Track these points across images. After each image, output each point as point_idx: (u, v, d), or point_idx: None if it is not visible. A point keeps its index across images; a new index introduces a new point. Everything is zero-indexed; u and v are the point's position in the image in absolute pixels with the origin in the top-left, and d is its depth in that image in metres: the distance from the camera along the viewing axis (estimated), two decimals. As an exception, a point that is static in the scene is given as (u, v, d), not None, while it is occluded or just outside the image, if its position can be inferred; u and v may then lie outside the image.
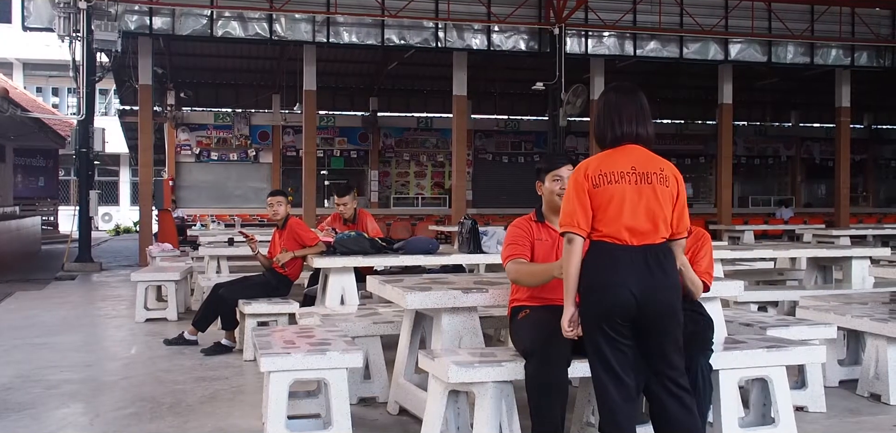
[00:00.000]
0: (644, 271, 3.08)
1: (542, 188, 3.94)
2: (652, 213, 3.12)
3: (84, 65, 14.08)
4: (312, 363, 3.81)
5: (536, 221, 3.91)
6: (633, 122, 3.22)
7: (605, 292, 3.09)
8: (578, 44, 16.85)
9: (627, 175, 3.14)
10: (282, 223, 6.62)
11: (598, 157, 3.24)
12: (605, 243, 3.12)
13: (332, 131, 22.70)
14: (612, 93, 3.32)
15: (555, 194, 3.84)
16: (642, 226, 3.11)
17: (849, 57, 18.40)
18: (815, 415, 4.51)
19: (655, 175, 3.17)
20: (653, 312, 3.09)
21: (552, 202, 3.87)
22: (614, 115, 3.24)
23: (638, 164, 3.17)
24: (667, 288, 3.12)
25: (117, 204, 32.88)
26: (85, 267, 13.91)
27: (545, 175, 3.91)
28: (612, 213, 3.11)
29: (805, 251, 7.68)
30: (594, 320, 3.13)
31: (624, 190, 3.12)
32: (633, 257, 3.09)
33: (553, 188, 3.87)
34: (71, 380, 5.47)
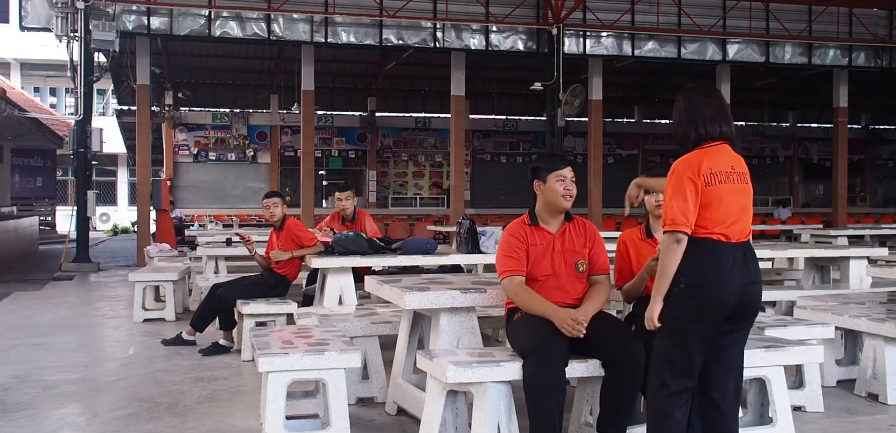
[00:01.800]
0: (745, 268, 3.17)
1: (542, 188, 3.81)
2: (747, 212, 3.24)
3: (82, 65, 14.06)
4: (310, 363, 3.81)
5: (530, 225, 3.82)
6: (717, 121, 3.26)
7: (717, 288, 3.10)
8: (576, 44, 16.86)
9: (731, 175, 3.21)
10: (279, 224, 6.61)
11: (701, 154, 3.23)
12: (712, 241, 3.14)
13: (331, 131, 22.69)
14: (693, 94, 3.33)
15: (559, 195, 3.75)
16: (743, 226, 3.21)
17: (846, 57, 18.42)
18: (813, 415, 4.51)
19: (746, 175, 3.28)
20: (747, 308, 3.19)
21: (554, 203, 3.77)
22: (698, 114, 3.27)
23: (735, 163, 3.25)
24: (760, 284, 3.25)
25: (115, 204, 32.85)
26: (83, 267, 13.89)
27: (547, 175, 3.79)
28: (722, 213, 3.15)
29: (803, 251, 7.68)
30: (696, 314, 3.12)
31: (730, 190, 3.19)
32: (736, 254, 3.15)
33: (557, 189, 3.76)
34: (68, 381, 5.46)
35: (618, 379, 3.47)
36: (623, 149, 24.05)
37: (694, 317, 3.12)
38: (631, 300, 3.94)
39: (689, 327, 3.13)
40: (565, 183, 3.76)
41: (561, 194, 3.75)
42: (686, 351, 3.13)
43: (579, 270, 3.75)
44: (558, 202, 3.76)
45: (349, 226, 7.05)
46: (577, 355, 3.53)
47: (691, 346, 3.12)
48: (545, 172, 3.80)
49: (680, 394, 3.13)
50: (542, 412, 3.33)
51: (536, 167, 3.88)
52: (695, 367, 3.15)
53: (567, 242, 3.79)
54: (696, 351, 3.13)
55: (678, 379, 3.13)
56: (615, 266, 4.01)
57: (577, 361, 3.66)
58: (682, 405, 3.13)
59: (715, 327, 3.14)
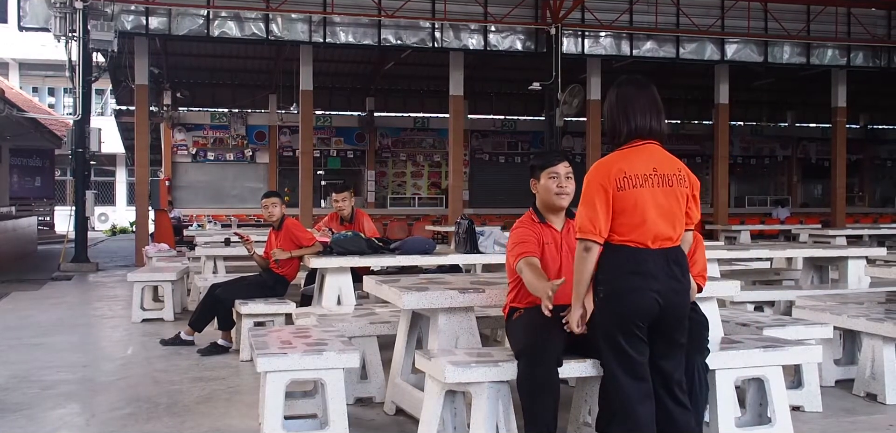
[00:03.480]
0: (667, 275, 3.09)
1: (538, 186, 3.75)
2: (672, 216, 3.12)
3: (80, 65, 14.05)
4: (309, 363, 3.81)
5: (539, 222, 3.74)
6: (648, 115, 3.16)
7: (632, 295, 3.06)
8: (575, 44, 16.86)
9: (650, 178, 3.10)
10: (278, 224, 6.61)
11: (617, 157, 3.15)
12: (628, 248, 3.08)
13: (329, 131, 22.69)
14: (625, 86, 3.24)
15: (552, 192, 3.68)
16: (664, 232, 3.11)
17: (845, 57, 18.44)
18: (812, 415, 4.52)
19: (674, 176, 3.16)
20: (672, 315, 3.12)
21: (549, 201, 3.72)
22: (629, 108, 3.16)
23: (658, 164, 3.13)
24: (686, 291, 3.18)
25: (114, 204, 32.83)
26: (81, 267, 13.88)
27: (541, 172, 3.73)
28: (637, 219, 3.07)
29: (801, 251, 7.69)
30: (618, 322, 3.10)
31: (648, 194, 3.08)
32: (657, 261, 3.08)
33: (550, 186, 3.69)
34: (67, 381, 5.46)
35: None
36: (622, 149, 24.01)
37: (618, 325, 3.10)
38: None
39: (616, 335, 3.11)
40: (558, 180, 3.68)
41: (554, 192, 3.68)
42: (624, 355, 3.10)
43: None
44: (552, 200, 3.70)
45: (347, 226, 7.04)
46: (576, 354, 3.52)
47: (628, 350, 3.09)
48: (539, 170, 3.73)
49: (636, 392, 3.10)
50: (535, 412, 3.32)
51: (532, 166, 3.82)
52: (639, 367, 3.11)
53: (573, 240, 3.65)
54: (635, 353, 3.09)
55: (630, 381, 3.10)
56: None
57: (576, 361, 3.66)
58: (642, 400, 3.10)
59: (643, 333, 3.10)
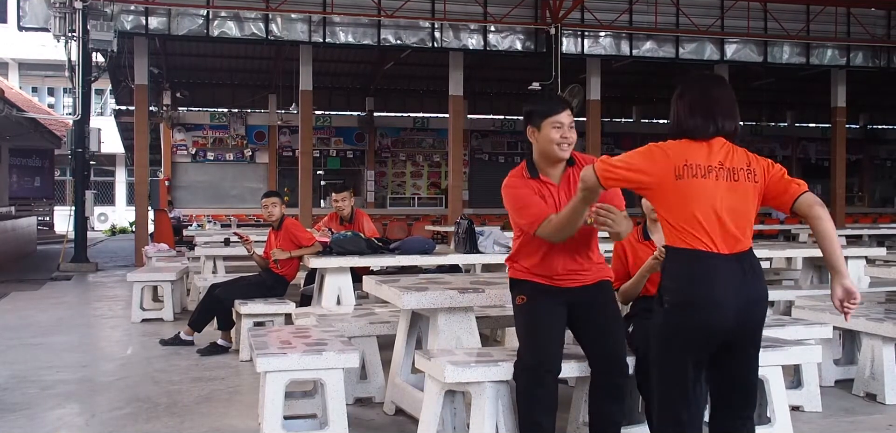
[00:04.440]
0: (741, 283, 2.73)
1: (537, 136, 3.37)
2: (740, 215, 2.78)
3: (80, 65, 14.05)
4: (309, 363, 3.81)
5: (529, 178, 3.38)
6: (730, 117, 2.87)
7: (705, 311, 2.69)
8: (575, 44, 16.86)
9: (716, 170, 2.77)
10: (277, 224, 6.61)
11: (684, 144, 2.82)
12: (699, 252, 2.71)
13: (329, 131, 22.68)
14: (707, 83, 2.94)
15: (554, 143, 3.31)
16: (732, 232, 2.75)
17: (844, 57, 18.43)
18: (811, 415, 4.52)
19: (743, 170, 2.82)
20: (747, 331, 2.76)
21: (549, 152, 3.34)
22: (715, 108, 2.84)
23: (725, 158, 2.80)
24: (763, 301, 2.81)
25: (113, 204, 32.82)
26: (81, 267, 13.88)
27: (542, 120, 3.34)
28: (701, 215, 2.71)
29: (801, 251, 7.69)
30: (685, 340, 2.73)
31: (711, 187, 2.74)
32: (732, 267, 2.72)
33: (552, 136, 3.31)
34: (66, 381, 5.46)
35: (595, 387, 3.40)
36: (621, 148, 24.02)
37: (685, 340, 2.75)
38: (628, 301, 3.94)
39: (681, 351, 2.76)
40: (562, 130, 3.31)
41: (556, 142, 3.31)
42: (683, 381, 2.76)
43: (587, 223, 3.22)
44: (554, 151, 3.33)
45: (347, 226, 7.04)
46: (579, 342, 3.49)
47: (688, 376, 2.76)
48: (539, 117, 3.36)
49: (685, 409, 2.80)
50: (531, 420, 3.29)
51: (530, 111, 3.43)
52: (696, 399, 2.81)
53: (573, 190, 3.31)
54: (693, 383, 2.78)
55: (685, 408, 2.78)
56: (613, 267, 3.98)
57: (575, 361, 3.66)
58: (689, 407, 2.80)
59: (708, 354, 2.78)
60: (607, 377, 3.35)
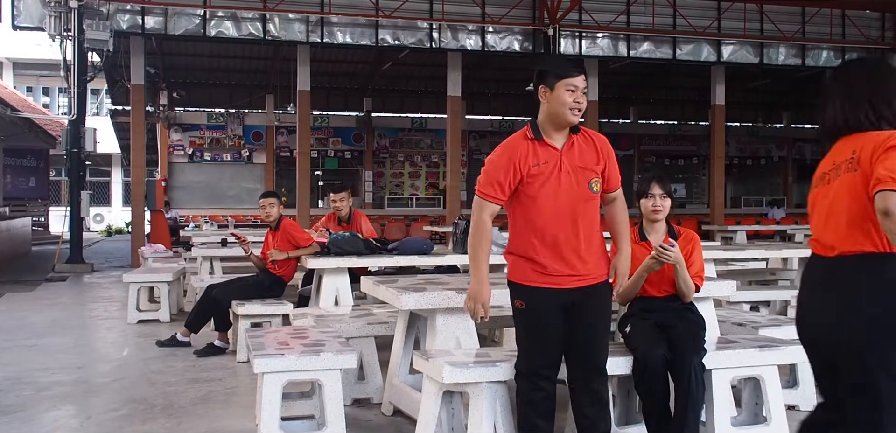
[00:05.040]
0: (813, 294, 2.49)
1: (549, 96, 3.22)
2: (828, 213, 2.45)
3: (75, 64, 14.02)
4: (306, 364, 3.81)
5: (534, 139, 3.24)
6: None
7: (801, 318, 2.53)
8: (572, 45, 16.87)
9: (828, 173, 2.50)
10: (275, 224, 6.60)
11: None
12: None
13: (326, 131, 22.65)
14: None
15: (566, 106, 3.18)
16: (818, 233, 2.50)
17: (840, 58, 18.46)
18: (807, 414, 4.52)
19: (845, 162, 2.42)
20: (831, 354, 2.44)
21: (560, 115, 3.20)
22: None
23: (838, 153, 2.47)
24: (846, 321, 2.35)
25: (109, 205, 32.75)
26: (76, 268, 13.84)
27: (556, 81, 3.19)
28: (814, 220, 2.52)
29: (796, 251, 7.72)
30: None
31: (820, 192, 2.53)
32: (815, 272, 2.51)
33: (565, 99, 3.18)
34: (62, 382, 5.44)
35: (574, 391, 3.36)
36: (619, 149, 23.97)
37: None
38: (626, 302, 3.94)
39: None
40: (576, 94, 3.20)
41: (569, 106, 3.18)
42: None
43: (593, 190, 3.22)
44: (565, 115, 3.20)
45: (345, 226, 7.04)
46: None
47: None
48: (554, 78, 3.21)
49: None
50: (528, 424, 3.29)
51: (544, 71, 3.27)
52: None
53: (576, 157, 3.24)
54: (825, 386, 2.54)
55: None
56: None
57: (573, 362, 3.66)
58: None
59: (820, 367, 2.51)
60: (584, 382, 3.29)
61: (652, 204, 3.91)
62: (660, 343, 3.61)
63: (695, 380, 3.50)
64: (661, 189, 3.92)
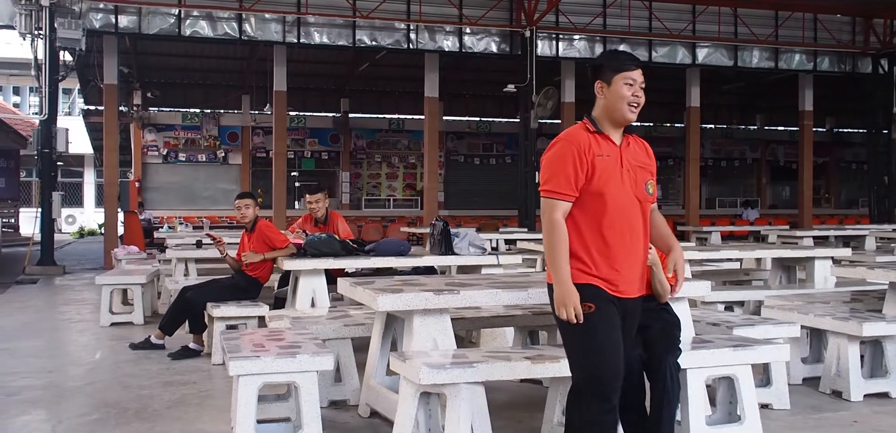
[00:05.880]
0: None
1: (605, 91, 3.10)
2: None
3: (47, 63, 13.80)
4: (282, 366, 3.78)
5: (595, 132, 3.08)
6: None
7: None
8: (549, 46, 16.95)
9: None
10: (251, 225, 6.55)
11: None
12: None
13: (303, 132, 22.55)
14: None
15: (624, 101, 3.06)
16: None
17: (811, 61, 18.77)
18: (780, 412, 4.59)
19: None
20: None
21: (617, 110, 3.07)
22: None
23: None
24: None
25: (81, 206, 32.29)
26: (47, 270, 13.65)
27: (614, 75, 3.09)
28: None
29: (770, 252, 7.82)
30: None
31: None
32: None
33: (623, 93, 3.06)
34: (32, 387, 5.36)
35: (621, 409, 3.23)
36: (594, 151, 24.21)
37: None
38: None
39: None
40: (634, 88, 3.08)
41: (628, 101, 3.07)
42: None
43: (649, 192, 3.12)
44: (622, 111, 3.07)
45: (322, 227, 7.01)
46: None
47: None
48: (611, 72, 3.10)
49: None
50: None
51: (599, 65, 3.17)
52: None
53: (633, 156, 3.13)
54: None
55: None
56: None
57: (549, 362, 3.69)
58: None
59: None
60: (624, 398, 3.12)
61: None
62: (636, 343, 3.63)
63: (670, 380, 3.52)
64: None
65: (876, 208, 19.17)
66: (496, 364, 3.56)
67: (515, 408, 4.52)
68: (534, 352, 3.94)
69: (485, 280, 4.57)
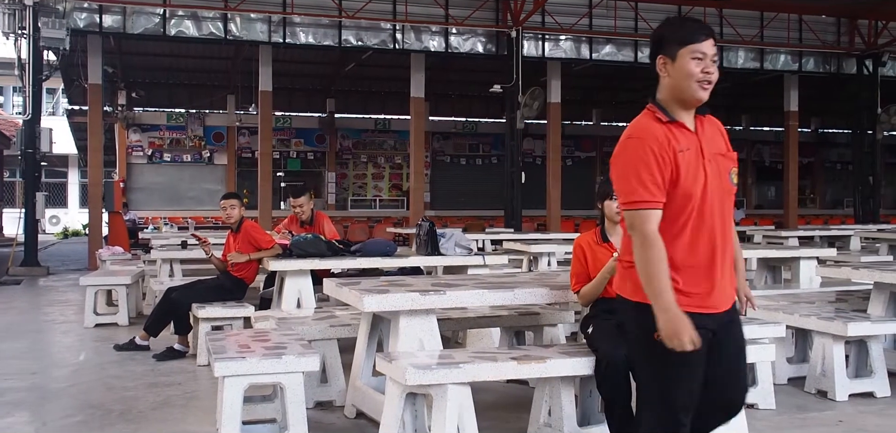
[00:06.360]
0: None
1: (669, 68, 2.60)
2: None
3: (30, 63, 13.68)
4: (268, 367, 3.76)
5: (668, 121, 2.58)
6: None
7: None
8: (535, 47, 16.98)
9: None
10: (236, 226, 6.52)
11: None
12: None
13: (289, 132, 22.48)
14: None
15: (692, 78, 2.56)
16: None
17: (797, 62, 18.91)
18: (765, 412, 4.61)
19: None
20: None
21: (686, 90, 2.57)
22: None
23: None
24: None
25: (65, 206, 32.01)
26: (31, 271, 13.54)
27: (679, 49, 2.57)
28: None
29: (755, 252, 7.86)
30: None
31: None
32: None
33: (692, 70, 2.56)
34: (16, 388, 5.30)
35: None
36: (582, 151, 24.31)
37: None
38: (588, 303, 3.97)
39: None
40: (704, 63, 2.57)
41: (696, 78, 2.56)
42: None
43: (733, 182, 2.66)
44: (692, 90, 2.57)
45: (307, 228, 6.98)
46: None
47: None
48: (676, 45, 2.58)
49: None
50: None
51: (661, 37, 2.65)
52: None
53: (710, 142, 2.65)
54: None
55: None
56: (572, 269, 4.01)
57: (535, 362, 3.69)
58: None
59: None
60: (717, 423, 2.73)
61: (617, 205, 3.94)
62: (622, 343, 3.63)
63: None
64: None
65: (861, 208, 19.33)
66: (482, 364, 3.56)
67: (502, 409, 4.52)
68: (520, 353, 3.94)
69: (471, 280, 4.57)
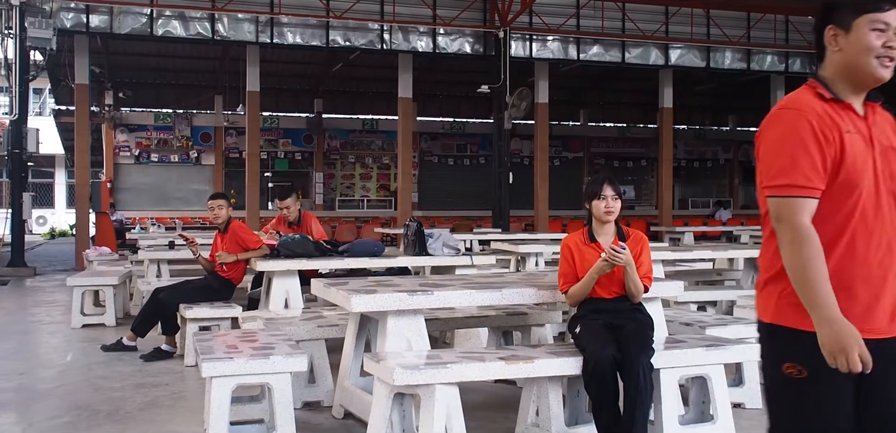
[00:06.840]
0: None
1: (841, 40, 2.14)
2: None
3: (17, 63, 13.59)
4: (255, 368, 3.76)
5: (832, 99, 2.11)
6: None
7: None
8: (523, 47, 17.02)
9: None
10: (224, 226, 6.50)
11: None
12: None
13: (276, 133, 22.41)
14: None
15: (871, 53, 2.08)
16: None
17: (783, 63, 19.06)
18: (752, 412, 4.64)
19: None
20: None
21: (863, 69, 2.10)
22: None
23: None
24: None
25: (52, 207, 31.77)
26: (18, 272, 13.45)
27: (854, 17, 2.10)
28: None
29: (742, 252, 7.91)
30: None
31: None
32: None
33: (871, 44, 2.08)
34: (2, 389, 5.27)
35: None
36: (569, 151, 24.38)
37: None
38: (576, 303, 3.99)
39: None
40: (886, 35, 2.08)
41: (876, 53, 2.08)
42: None
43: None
44: (870, 68, 2.10)
45: (295, 229, 6.97)
46: None
47: None
48: (852, 13, 2.11)
49: None
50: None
51: (832, 5, 2.17)
52: None
53: (881, 133, 2.15)
54: None
55: None
56: (560, 269, 4.03)
57: (523, 362, 3.70)
58: None
59: None
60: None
61: (604, 205, 3.96)
62: (609, 343, 3.67)
63: (643, 380, 3.56)
64: (613, 190, 3.98)
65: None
66: (470, 364, 3.57)
67: (490, 409, 4.53)
68: (508, 353, 3.95)
69: (459, 281, 4.58)
